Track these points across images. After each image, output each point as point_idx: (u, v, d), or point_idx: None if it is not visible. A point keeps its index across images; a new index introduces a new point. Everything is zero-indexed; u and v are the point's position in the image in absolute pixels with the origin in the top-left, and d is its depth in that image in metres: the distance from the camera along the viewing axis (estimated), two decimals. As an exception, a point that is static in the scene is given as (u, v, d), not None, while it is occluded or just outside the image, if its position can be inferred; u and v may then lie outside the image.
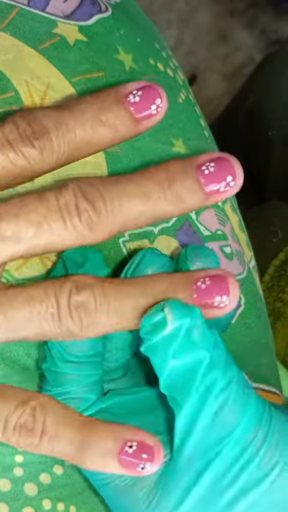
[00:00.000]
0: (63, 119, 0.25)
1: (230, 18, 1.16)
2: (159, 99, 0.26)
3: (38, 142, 0.25)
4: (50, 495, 0.29)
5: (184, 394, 0.25)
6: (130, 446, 0.25)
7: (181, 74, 0.36)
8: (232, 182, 0.26)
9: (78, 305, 0.25)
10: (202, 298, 0.25)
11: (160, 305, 0.25)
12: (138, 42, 0.33)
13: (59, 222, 0.24)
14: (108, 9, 0.32)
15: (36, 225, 0.24)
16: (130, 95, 0.26)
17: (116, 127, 0.26)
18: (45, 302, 0.25)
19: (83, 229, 0.24)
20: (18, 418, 0.25)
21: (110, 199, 0.25)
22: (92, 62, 0.31)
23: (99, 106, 0.26)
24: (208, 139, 0.36)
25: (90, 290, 0.25)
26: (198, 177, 0.25)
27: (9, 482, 0.28)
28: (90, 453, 0.25)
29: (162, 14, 1.12)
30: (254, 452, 0.25)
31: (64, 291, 0.25)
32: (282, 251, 0.52)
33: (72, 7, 0.31)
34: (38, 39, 0.30)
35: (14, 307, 0.25)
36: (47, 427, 0.25)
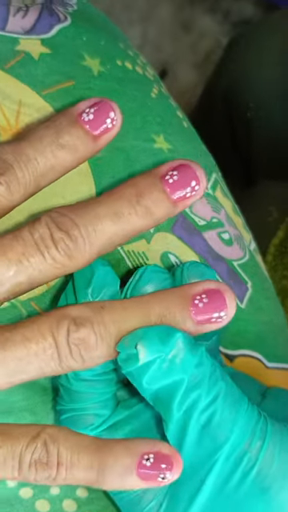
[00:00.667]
0: (22, 150, 0.25)
1: (191, 7, 1.16)
2: (112, 112, 0.27)
3: (2, 177, 0.25)
4: (90, 508, 0.29)
5: (167, 412, 0.26)
6: (147, 458, 0.25)
7: (150, 70, 0.36)
8: (196, 186, 0.27)
9: (78, 342, 0.24)
10: (199, 316, 0.26)
11: (135, 337, 0.25)
12: (103, 45, 0.33)
13: (38, 256, 0.25)
14: (67, 18, 0.32)
15: (15, 263, 0.24)
16: (84, 114, 0.27)
17: (76, 148, 0.26)
18: (41, 343, 0.24)
19: (62, 258, 0.25)
20: (32, 454, 0.25)
21: (84, 225, 0.25)
22: (60, 72, 0.31)
23: (55, 130, 0.26)
24: (188, 130, 0.36)
25: (89, 325, 0.25)
26: (163, 187, 0.26)
27: (47, 503, 0.28)
28: (109, 474, 0.25)
29: (123, 13, 1.12)
30: (248, 467, 0.25)
31: (62, 329, 0.24)
32: (280, 229, 0.52)
33: (31, 22, 0.31)
34: (2, 59, 0.30)
35: (9, 351, 0.24)
36: (62, 458, 0.25)
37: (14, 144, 0.26)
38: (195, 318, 0.26)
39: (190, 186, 0.27)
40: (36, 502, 0.28)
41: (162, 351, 0.25)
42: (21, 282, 0.25)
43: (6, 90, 0.29)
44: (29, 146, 0.26)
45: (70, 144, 0.26)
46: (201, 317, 0.26)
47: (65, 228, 0.25)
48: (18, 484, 0.28)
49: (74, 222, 0.25)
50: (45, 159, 0.26)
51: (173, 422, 0.26)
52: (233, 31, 1.16)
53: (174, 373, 0.25)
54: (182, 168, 0.27)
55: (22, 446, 0.25)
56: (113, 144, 0.31)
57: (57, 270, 0.25)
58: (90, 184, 0.30)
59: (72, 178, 0.30)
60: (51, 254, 0.25)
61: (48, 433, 0.25)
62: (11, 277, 0.24)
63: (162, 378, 0.25)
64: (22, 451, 0.25)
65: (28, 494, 0.28)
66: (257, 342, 0.35)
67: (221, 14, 1.17)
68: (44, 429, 0.25)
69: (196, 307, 0.26)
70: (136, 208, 0.26)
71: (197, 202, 0.34)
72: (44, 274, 0.25)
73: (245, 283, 0.35)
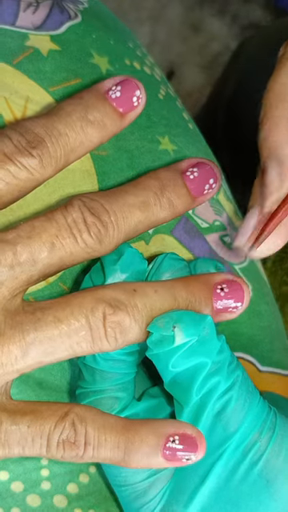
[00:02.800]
0: (53, 125, 0.26)
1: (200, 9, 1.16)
2: (138, 91, 0.27)
3: (35, 150, 0.25)
4: (80, 504, 0.29)
5: (185, 396, 0.26)
6: (173, 440, 0.25)
7: (158, 71, 0.36)
8: (214, 183, 0.29)
9: (114, 325, 0.25)
10: (219, 305, 0.27)
11: (171, 318, 0.25)
12: (112, 44, 0.33)
13: (70, 239, 0.25)
14: (77, 15, 0.32)
15: (49, 245, 0.25)
16: (110, 91, 0.27)
17: (104, 124, 0.27)
18: (74, 325, 0.25)
19: (93, 242, 0.25)
20: (60, 434, 0.25)
21: (113, 212, 0.26)
22: (68, 69, 0.31)
23: (84, 106, 0.27)
24: (193, 132, 0.36)
25: (124, 308, 0.25)
26: (185, 182, 0.28)
27: (38, 498, 0.28)
28: (135, 454, 0.25)
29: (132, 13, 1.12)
30: (255, 460, 0.26)
31: (97, 312, 0.25)
32: (281, 234, 0.52)
33: (41, 18, 0.31)
34: (10, 54, 0.30)
35: (40, 332, 0.25)
36: (90, 437, 0.25)
37: (44, 118, 0.26)
38: (215, 305, 0.27)
39: (209, 182, 0.28)
40: (27, 496, 0.28)
41: (196, 334, 0.25)
42: (52, 263, 0.25)
43: (14, 85, 0.29)
44: (59, 121, 0.26)
45: (99, 120, 0.27)
46: (220, 305, 0.27)
47: (97, 213, 0.26)
48: (10, 478, 0.28)
49: (105, 207, 0.26)
50: (75, 134, 0.26)
51: (189, 405, 0.26)
52: (241, 34, 1.16)
53: (199, 356, 0.26)
54: (201, 166, 0.29)
55: (50, 425, 0.25)
56: (117, 144, 0.31)
57: (87, 254, 0.26)
58: (94, 183, 0.30)
59: (75, 176, 0.30)
60: (84, 237, 0.25)
61: (76, 412, 0.25)
62: (44, 258, 0.25)
63: (188, 360, 0.26)
64: (51, 430, 0.25)
65: (19, 489, 0.28)
66: (251, 345, 0.35)
67: (229, 17, 1.17)
68: (72, 408, 0.25)
69: (217, 295, 0.27)
70: (161, 200, 0.27)
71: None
72: (74, 256, 0.26)
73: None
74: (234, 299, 0.27)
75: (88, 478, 0.30)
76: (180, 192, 0.28)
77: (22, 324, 0.25)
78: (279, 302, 0.50)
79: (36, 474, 0.28)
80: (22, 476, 0.28)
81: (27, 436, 0.25)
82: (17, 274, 0.25)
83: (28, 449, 0.25)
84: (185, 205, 0.28)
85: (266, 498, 0.26)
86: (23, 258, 0.25)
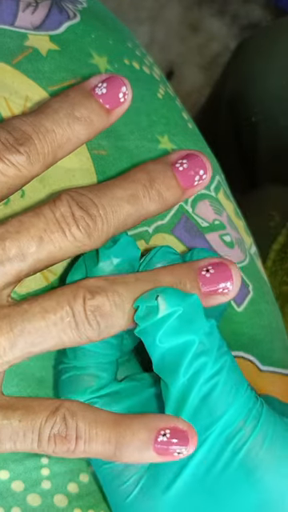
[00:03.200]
0: (40, 122, 0.26)
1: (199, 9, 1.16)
2: (124, 87, 0.28)
3: (22, 147, 0.25)
4: (80, 504, 0.29)
5: (172, 377, 0.26)
6: (164, 434, 0.25)
7: (157, 70, 0.36)
8: (204, 175, 0.28)
9: (93, 309, 0.25)
10: (207, 287, 0.27)
11: (155, 291, 0.26)
12: (111, 44, 0.33)
13: (59, 233, 0.25)
14: (76, 15, 0.32)
15: (37, 239, 0.25)
16: (96, 88, 0.28)
17: (91, 120, 0.27)
18: (59, 312, 0.25)
19: (82, 236, 0.26)
20: (51, 428, 0.25)
21: (102, 205, 0.26)
22: (67, 69, 0.31)
23: (70, 103, 0.27)
24: (192, 132, 0.36)
25: (103, 293, 0.25)
26: (174, 174, 0.28)
27: (38, 497, 0.28)
28: (126, 449, 0.25)
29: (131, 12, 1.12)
30: (238, 447, 0.26)
31: (78, 298, 0.25)
32: (281, 234, 0.52)
33: (41, 18, 0.31)
34: (10, 54, 0.30)
35: (28, 322, 0.25)
36: (81, 431, 0.25)
37: (31, 116, 0.26)
38: (203, 288, 0.27)
39: (199, 174, 0.28)
40: (27, 495, 0.28)
41: (181, 305, 0.25)
42: (41, 258, 0.25)
43: (14, 85, 0.29)
44: (46, 118, 0.26)
45: (85, 116, 0.27)
46: (208, 287, 0.27)
47: (85, 207, 0.26)
48: (10, 477, 0.28)
49: (94, 201, 0.26)
50: (62, 130, 0.26)
51: (176, 387, 0.26)
52: (240, 35, 1.16)
53: (186, 332, 0.26)
54: (191, 157, 0.28)
55: (41, 419, 0.25)
56: (117, 143, 0.31)
57: (76, 248, 0.26)
58: (93, 182, 0.30)
59: (75, 176, 0.30)
60: (72, 231, 0.25)
61: (67, 407, 0.25)
62: (33, 252, 0.25)
63: (175, 335, 0.26)
64: (42, 425, 0.25)
65: (20, 488, 0.28)
66: (251, 345, 0.35)
67: (229, 17, 1.17)
68: (63, 403, 0.26)
69: (203, 278, 0.27)
70: (150, 192, 0.27)
71: (200, 204, 0.34)
72: (64, 251, 0.26)
73: (246, 286, 0.35)
74: (222, 280, 0.27)
75: (88, 477, 0.30)
76: (169, 184, 0.28)
77: (9, 316, 0.25)
78: (279, 302, 0.50)
79: (36, 474, 0.28)
80: (23, 475, 0.28)
81: (18, 430, 0.25)
82: (6, 270, 0.25)
83: (20, 443, 0.25)
84: (175, 197, 0.28)
85: (246, 488, 0.26)
86: (12, 253, 0.25)
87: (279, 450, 0.26)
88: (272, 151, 0.62)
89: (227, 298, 0.27)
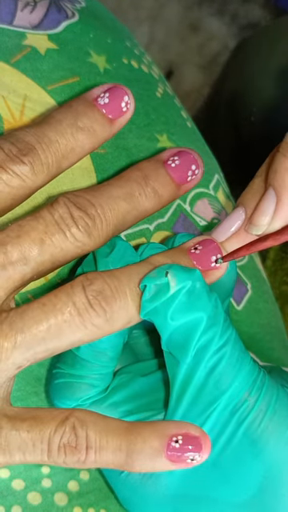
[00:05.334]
0: (43, 132, 0.26)
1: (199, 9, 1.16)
2: (126, 96, 0.28)
3: (26, 157, 0.26)
4: (80, 502, 0.29)
5: (183, 351, 0.26)
6: (176, 440, 0.25)
7: (156, 69, 0.36)
8: (196, 169, 0.29)
9: (95, 294, 0.25)
10: (199, 262, 0.27)
11: (163, 268, 0.26)
12: (109, 43, 0.33)
13: (59, 235, 0.25)
14: (75, 14, 0.32)
15: (39, 242, 0.25)
16: (99, 98, 0.28)
17: (94, 130, 0.27)
18: (58, 305, 0.25)
19: (82, 236, 0.26)
20: (61, 438, 0.25)
21: (99, 205, 0.26)
22: (65, 68, 0.31)
23: (73, 114, 0.27)
24: (191, 131, 0.36)
25: (101, 278, 0.25)
26: (167, 171, 0.28)
27: (39, 495, 0.28)
28: (138, 457, 0.25)
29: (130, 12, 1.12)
30: (242, 417, 0.26)
31: (76, 287, 0.25)
32: (280, 233, 0.52)
33: (39, 17, 0.31)
34: (8, 53, 0.30)
35: (28, 322, 0.25)
36: (91, 441, 0.25)
37: (35, 127, 0.27)
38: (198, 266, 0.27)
39: (191, 169, 0.29)
40: (28, 494, 0.28)
41: (190, 279, 0.25)
42: (44, 260, 0.25)
43: (12, 84, 0.29)
44: (49, 129, 0.27)
45: (89, 127, 0.27)
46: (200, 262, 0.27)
47: (83, 207, 0.26)
48: (10, 475, 0.28)
49: (91, 202, 0.26)
50: (66, 141, 0.27)
51: (186, 362, 0.26)
52: (240, 34, 1.16)
53: (196, 307, 0.26)
54: (182, 154, 0.29)
55: (50, 429, 0.25)
56: (116, 142, 0.31)
57: (77, 248, 0.26)
58: (92, 180, 0.30)
59: (74, 175, 0.30)
60: (72, 232, 0.26)
61: (76, 416, 0.25)
62: (35, 255, 0.25)
63: (186, 311, 0.25)
64: (51, 435, 0.25)
65: (20, 486, 0.28)
66: (250, 343, 0.35)
67: (228, 17, 1.17)
68: (73, 412, 0.25)
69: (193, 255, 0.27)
70: (145, 189, 0.28)
71: (199, 202, 0.34)
72: (65, 252, 0.26)
73: (245, 285, 0.35)
74: (211, 253, 0.27)
75: (88, 475, 0.30)
76: (163, 181, 0.28)
77: (7, 317, 0.25)
78: (279, 302, 0.50)
79: (37, 472, 0.28)
80: (23, 474, 0.28)
81: (28, 441, 0.24)
82: (10, 274, 0.25)
83: (29, 454, 0.25)
84: (170, 193, 0.28)
85: (250, 459, 0.26)
86: (15, 257, 0.25)
87: (282, 419, 0.26)
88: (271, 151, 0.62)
89: (221, 272, 0.27)
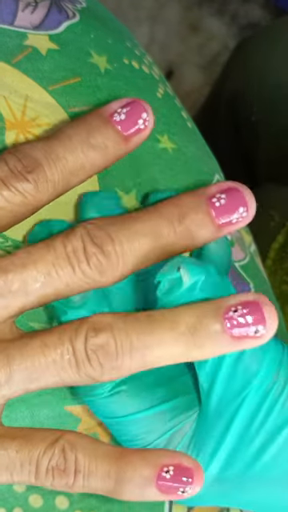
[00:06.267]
0: (52, 148, 0.25)
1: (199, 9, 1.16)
2: (145, 113, 0.26)
3: (31, 175, 0.25)
4: (81, 506, 0.29)
5: None
6: (167, 470, 0.24)
7: (156, 70, 0.36)
8: (244, 212, 0.26)
9: (95, 348, 0.24)
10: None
11: (176, 262, 0.25)
12: (110, 44, 0.33)
13: (67, 269, 0.24)
14: (75, 15, 0.32)
15: (44, 274, 0.24)
16: (115, 114, 0.26)
17: (106, 148, 0.26)
18: (59, 348, 0.24)
19: (92, 273, 0.24)
20: (49, 460, 0.24)
21: (119, 241, 0.24)
22: (67, 68, 0.31)
23: (86, 129, 0.26)
24: (192, 131, 0.36)
25: (109, 331, 0.24)
26: (209, 210, 0.26)
27: (40, 498, 0.28)
28: (127, 485, 0.24)
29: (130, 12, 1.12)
30: (275, 398, 0.25)
31: (80, 334, 0.24)
32: (280, 233, 0.52)
33: (40, 18, 0.31)
34: (9, 53, 0.30)
35: (27, 357, 0.24)
36: (80, 465, 0.24)
37: (43, 142, 0.25)
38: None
39: (238, 211, 0.26)
40: (29, 496, 0.28)
41: (202, 272, 0.25)
42: (46, 294, 0.24)
43: (13, 84, 0.29)
44: (59, 144, 0.25)
45: (101, 144, 0.26)
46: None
47: (99, 242, 0.24)
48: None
49: (111, 236, 0.24)
50: (75, 158, 0.25)
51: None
52: (240, 34, 1.16)
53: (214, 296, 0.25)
54: (231, 191, 0.26)
55: (39, 451, 0.24)
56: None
57: (86, 284, 0.25)
58: (94, 180, 0.30)
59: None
60: (81, 268, 0.24)
61: (67, 439, 0.24)
62: (38, 288, 0.24)
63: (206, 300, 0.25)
64: (40, 456, 0.24)
65: (22, 488, 0.28)
66: None
67: (228, 17, 1.17)
68: (63, 435, 0.24)
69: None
70: (176, 228, 0.25)
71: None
72: (71, 287, 0.24)
73: (247, 284, 0.35)
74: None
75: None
76: (201, 222, 0.25)
77: (7, 349, 0.24)
78: (279, 302, 0.50)
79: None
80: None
81: (16, 461, 0.24)
82: (7, 303, 0.24)
83: (16, 475, 0.24)
84: (207, 235, 0.26)
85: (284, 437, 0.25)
86: (15, 287, 0.24)
87: None
88: (272, 150, 0.62)
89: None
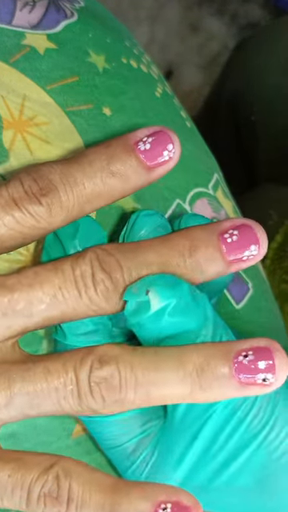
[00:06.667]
0: (70, 172, 0.24)
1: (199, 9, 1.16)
2: (171, 144, 0.26)
3: (44, 198, 0.24)
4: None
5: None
6: (165, 508, 0.23)
7: (155, 69, 0.36)
8: (255, 250, 0.25)
9: (99, 381, 0.23)
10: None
11: (144, 284, 0.24)
12: (108, 43, 0.33)
13: (74, 293, 0.24)
14: (74, 14, 0.32)
15: (50, 297, 0.24)
16: (140, 142, 0.25)
17: (127, 177, 0.25)
18: (63, 378, 0.23)
19: (99, 300, 0.24)
20: (42, 487, 0.23)
21: (128, 269, 0.24)
22: (64, 68, 0.31)
23: (108, 156, 0.25)
24: (191, 131, 0.36)
25: (114, 364, 0.23)
26: (220, 245, 0.25)
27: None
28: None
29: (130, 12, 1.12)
30: (241, 417, 0.25)
31: (85, 365, 0.23)
32: (279, 233, 0.52)
33: (38, 17, 0.31)
34: (7, 53, 0.30)
35: (29, 382, 0.23)
36: (73, 494, 0.23)
37: (64, 164, 0.25)
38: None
39: (249, 249, 0.25)
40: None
41: (174, 296, 0.24)
42: (51, 316, 0.24)
43: (11, 83, 0.29)
44: (78, 169, 0.25)
45: (122, 172, 0.25)
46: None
47: (108, 269, 0.24)
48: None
49: (120, 263, 0.24)
50: (93, 185, 0.25)
51: None
52: (240, 34, 1.16)
53: (184, 320, 0.24)
54: (244, 228, 0.25)
55: (32, 476, 0.23)
56: (115, 141, 0.31)
57: (91, 310, 0.24)
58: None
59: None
60: (88, 293, 0.24)
61: (62, 466, 0.24)
62: (42, 310, 0.24)
63: (174, 325, 0.24)
64: (32, 482, 0.23)
65: None
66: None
67: (228, 17, 1.17)
68: (59, 461, 0.24)
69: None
70: (186, 261, 0.25)
71: (198, 202, 0.34)
72: (77, 312, 0.24)
73: (246, 283, 0.35)
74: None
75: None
76: (212, 256, 0.25)
77: (9, 372, 0.24)
78: (278, 301, 0.50)
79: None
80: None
81: (7, 486, 0.23)
82: (10, 323, 0.24)
83: (7, 500, 0.23)
84: (216, 270, 0.25)
85: (253, 450, 0.26)
86: (19, 307, 0.24)
87: (282, 413, 0.26)
88: (271, 150, 0.62)
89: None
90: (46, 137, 0.29)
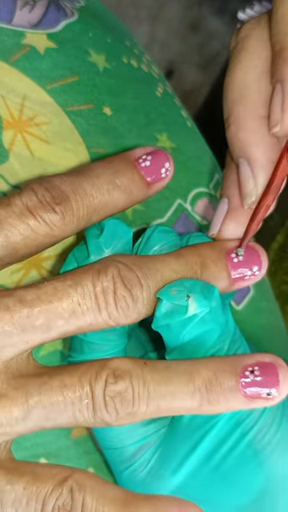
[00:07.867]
0: (80, 184, 0.26)
1: (199, 8, 1.16)
2: (168, 163, 0.28)
3: (59, 207, 0.25)
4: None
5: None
6: None
7: (155, 68, 0.36)
8: (257, 271, 0.28)
9: (113, 395, 0.24)
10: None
11: (185, 288, 0.25)
12: (109, 42, 0.33)
13: (93, 309, 0.25)
14: (74, 13, 0.32)
15: (69, 313, 0.24)
16: (140, 160, 0.28)
17: (130, 190, 0.27)
18: (79, 392, 0.24)
19: (118, 316, 0.25)
20: (56, 500, 0.23)
21: (148, 286, 0.25)
22: (65, 67, 0.31)
23: (113, 170, 0.27)
24: (191, 130, 0.36)
25: (128, 379, 0.24)
26: (227, 264, 0.27)
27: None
28: None
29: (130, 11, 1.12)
30: (246, 430, 0.26)
31: (100, 380, 0.24)
32: (279, 233, 0.52)
33: (38, 16, 0.31)
34: (7, 52, 0.30)
35: (45, 396, 0.24)
36: (87, 507, 0.24)
37: (72, 176, 0.26)
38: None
39: (252, 269, 0.28)
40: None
41: (208, 305, 0.25)
42: (68, 331, 0.25)
43: (11, 83, 0.29)
44: (86, 181, 0.26)
45: (126, 186, 0.27)
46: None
47: (129, 285, 0.25)
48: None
49: (140, 281, 0.25)
50: (101, 196, 0.26)
51: None
52: (240, 33, 1.15)
53: (209, 327, 0.25)
54: (249, 250, 0.28)
55: (47, 489, 0.24)
56: (115, 141, 0.31)
57: (108, 325, 0.25)
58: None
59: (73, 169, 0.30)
60: (108, 309, 0.25)
61: (76, 479, 0.24)
62: (60, 326, 0.24)
63: (199, 328, 0.25)
64: (47, 495, 0.24)
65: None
66: (250, 342, 0.35)
67: (229, 16, 1.17)
68: (73, 474, 0.24)
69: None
70: (198, 278, 0.27)
71: (199, 202, 0.34)
72: (93, 326, 0.25)
73: (246, 285, 0.35)
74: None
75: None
76: (219, 275, 0.27)
77: (26, 386, 0.24)
78: (279, 302, 0.50)
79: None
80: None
81: (22, 498, 0.24)
82: (28, 338, 0.24)
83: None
84: (221, 286, 0.27)
85: (252, 467, 0.26)
86: (38, 323, 0.24)
87: (286, 434, 0.26)
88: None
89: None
90: (46, 137, 0.29)
